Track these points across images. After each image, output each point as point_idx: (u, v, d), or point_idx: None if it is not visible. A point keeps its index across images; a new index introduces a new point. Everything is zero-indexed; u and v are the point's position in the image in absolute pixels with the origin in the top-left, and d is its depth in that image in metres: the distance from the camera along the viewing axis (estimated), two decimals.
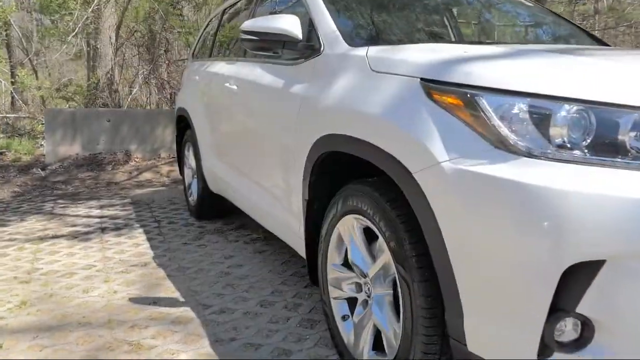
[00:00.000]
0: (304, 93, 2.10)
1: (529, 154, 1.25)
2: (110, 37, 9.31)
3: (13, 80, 11.12)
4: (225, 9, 3.80)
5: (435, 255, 1.40)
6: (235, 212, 3.75)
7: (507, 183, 1.22)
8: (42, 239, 3.70)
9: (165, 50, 10.33)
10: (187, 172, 4.32)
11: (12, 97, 11.65)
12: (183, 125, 4.34)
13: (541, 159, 1.24)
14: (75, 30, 8.21)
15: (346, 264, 1.93)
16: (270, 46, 2.20)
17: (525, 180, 1.20)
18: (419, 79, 1.52)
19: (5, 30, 11.12)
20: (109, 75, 9.33)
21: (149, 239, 3.63)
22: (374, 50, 1.83)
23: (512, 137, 1.28)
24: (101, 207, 4.73)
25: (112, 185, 5.91)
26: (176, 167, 6.64)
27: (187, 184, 4.33)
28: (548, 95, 1.29)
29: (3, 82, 10.70)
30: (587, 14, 11.16)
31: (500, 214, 1.24)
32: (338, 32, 2.08)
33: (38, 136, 8.90)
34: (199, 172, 3.85)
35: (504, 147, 1.28)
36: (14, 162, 7.08)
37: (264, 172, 2.55)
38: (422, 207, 1.41)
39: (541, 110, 1.29)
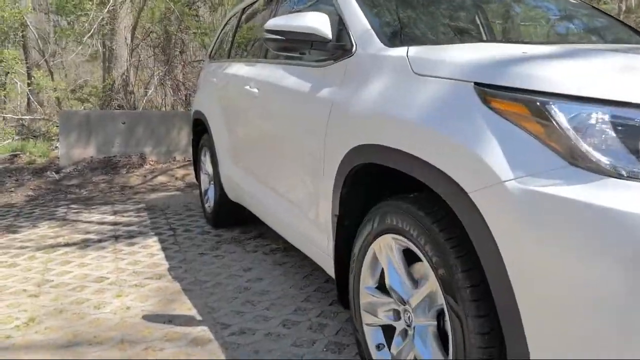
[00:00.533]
0: (334, 98, 1.91)
1: (615, 174, 1.05)
2: (125, 38, 9.21)
3: (29, 81, 11.09)
4: (245, 8, 3.63)
5: (495, 288, 1.20)
6: (253, 221, 3.58)
7: (591, 209, 1.03)
8: (53, 247, 3.55)
9: (180, 52, 10.22)
10: (204, 178, 4.16)
11: (28, 99, 11.62)
12: (200, 129, 4.18)
13: (631, 180, 1.04)
14: (91, 31, 8.11)
15: (382, 288, 1.74)
16: (296, 46, 2.02)
17: (616, 206, 1.00)
18: (472, 84, 1.33)
19: (22, 32, 11.08)
20: (124, 77, 9.23)
21: (164, 249, 3.47)
22: (415, 51, 1.64)
23: (593, 153, 1.08)
24: (115, 212, 4.59)
25: (127, 190, 5.78)
26: (191, 171, 6.51)
27: (203, 190, 4.17)
28: (635, 103, 1.09)
29: (19, 83, 10.67)
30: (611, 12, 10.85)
31: (581, 243, 1.05)
32: (372, 31, 1.89)
33: (53, 138, 8.83)
34: (216, 179, 3.68)
35: (583, 164, 1.09)
36: (28, 164, 7.00)
37: (287, 182, 2.37)
38: (479, 231, 1.22)
39: (627, 120, 1.09)
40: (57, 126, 8.30)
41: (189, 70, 10.53)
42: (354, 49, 1.92)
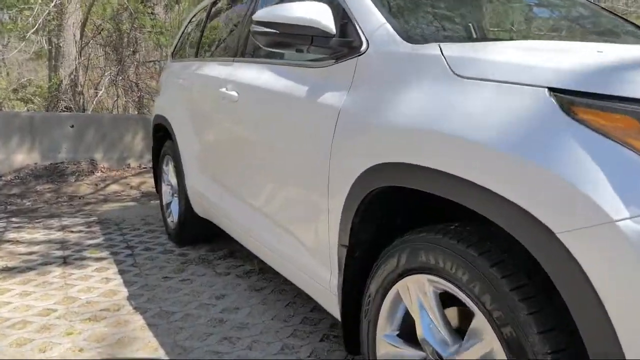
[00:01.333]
0: (342, 105, 1.59)
1: None
2: (74, 35, 8.58)
3: None
4: (215, 1, 3.26)
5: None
6: (222, 236, 3.21)
7: None
8: None
9: (133, 51, 9.65)
10: (165, 190, 3.75)
11: None
12: (161, 136, 3.77)
13: None
14: (36, 26, 7.47)
15: (404, 336, 1.43)
16: (292, 42, 1.69)
17: None
18: (545, 89, 1.04)
19: None
20: (72, 76, 8.60)
21: (121, 272, 3.05)
22: (452, 49, 1.34)
23: None
24: (63, 227, 4.10)
25: (76, 200, 5.26)
26: (148, 179, 6.04)
27: (165, 202, 3.75)
28: None
29: None
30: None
31: None
32: (388, 25, 1.58)
33: None
34: (182, 191, 3.28)
35: None
36: None
37: (277, 203, 2.03)
38: (573, 284, 0.92)
39: None
40: None
41: (143, 70, 9.97)
42: (364, 46, 1.61)
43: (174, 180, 3.54)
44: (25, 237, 3.81)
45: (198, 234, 3.45)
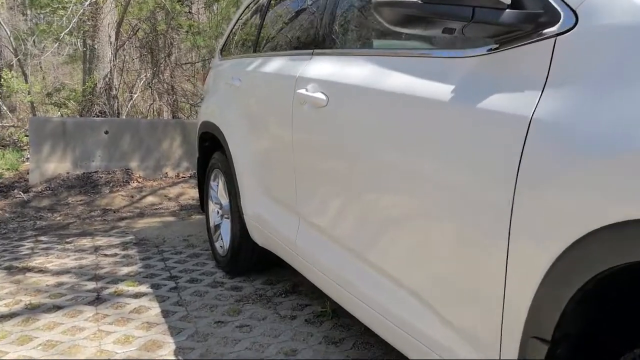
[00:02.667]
0: (536, 113, 1.00)
1: None
2: (109, 36, 8.21)
3: None
4: None
5: None
6: (280, 264, 2.66)
7: None
8: (8, 316, 2.56)
9: (168, 54, 9.23)
10: (213, 209, 3.21)
11: None
12: (209, 146, 3.24)
13: None
14: (69, 27, 7.09)
15: None
16: (441, 17, 1.10)
17: None
18: None
19: None
20: (107, 79, 8.23)
21: (165, 313, 2.51)
22: None
23: None
24: (96, 250, 3.61)
25: (110, 214, 4.79)
26: (187, 189, 5.54)
27: (212, 224, 3.21)
28: None
29: None
30: None
31: None
32: None
33: (24, 148, 7.77)
34: (235, 214, 2.74)
35: None
36: None
37: (402, 256, 1.43)
38: None
39: None
40: (27, 135, 7.27)
41: (179, 72, 9.55)
42: (567, 20, 1.01)
43: (224, 200, 3.00)
44: (54, 262, 3.32)
45: (254, 263, 2.90)
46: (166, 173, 5.93)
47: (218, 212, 3.14)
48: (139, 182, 5.68)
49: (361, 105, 1.56)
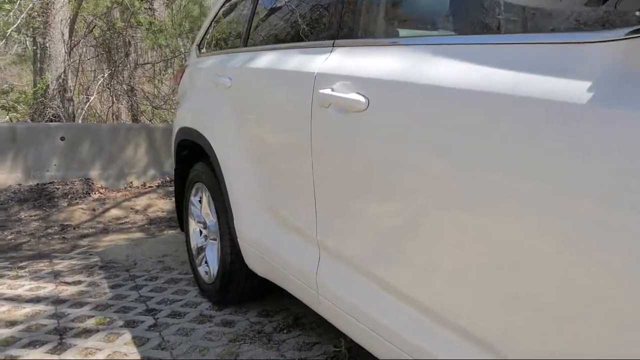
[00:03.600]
0: None
1: None
2: (62, 34, 7.57)
3: None
4: None
5: None
6: (274, 290, 2.27)
7: None
8: None
9: (126, 53, 8.63)
10: (195, 229, 2.78)
11: None
12: (188, 155, 2.81)
13: None
14: (17, 23, 6.44)
15: None
16: None
17: None
18: None
19: None
20: (60, 80, 7.59)
21: None
22: None
23: None
24: (55, 275, 3.12)
25: (69, 230, 4.27)
26: (154, 200, 5.05)
27: (194, 245, 2.78)
28: None
29: None
30: None
31: None
32: None
33: None
34: (226, 236, 2.33)
35: None
36: None
37: (478, 301, 1.07)
38: None
39: None
40: None
41: (140, 73, 8.96)
42: None
43: (210, 218, 2.58)
44: (6, 293, 2.82)
45: (248, 292, 2.49)
46: (131, 182, 5.42)
47: (201, 233, 2.72)
48: (101, 193, 5.15)
49: (421, 110, 1.18)
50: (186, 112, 2.75)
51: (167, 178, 5.55)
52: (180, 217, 3.00)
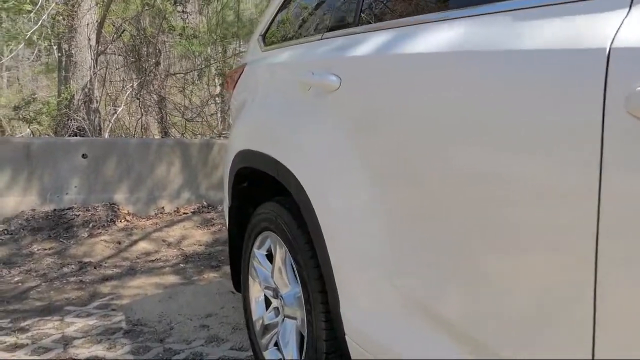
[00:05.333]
0: None
1: None
2: (89, 39, 6.92)
3: None
4: None
5: None
6: None
7: None
8: None
9: (157, 62, 7.92)
10: (258, 296, 1.94)
11: None
12: (249, 189, 1.99)
13: None
14: (39, 22, 5.77)
15: None
16: None
17: None
18: None
19: None
20: (86, 90, 6.93)
21: None
22: None
23: None
24: (65, 345, 2.32)
25: (89, 269, 3.48)
26: (190, 230, 4.24)
27: (257, 319, 1.94)
28: None
29: None
30: None
31: None
32: None
33: None
34: (319, 319, 1.48)
35: None
36: None
37: None
38: None
39: None
40: None
41: (171, 82, 8.27)
42: None
43: (285, 286, 1.74)
44: None
45: None
46: (162, 208, 4.63)
47: (269, 303, 1.87)
48: (127, 220, 4.37)
49: None
50: (248, 129, 1.92)
51: (204, 202, 4.75)
52: (236, 273, 2.16)
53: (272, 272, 1.82)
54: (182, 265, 3.63)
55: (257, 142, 1.81)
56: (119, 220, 4.32)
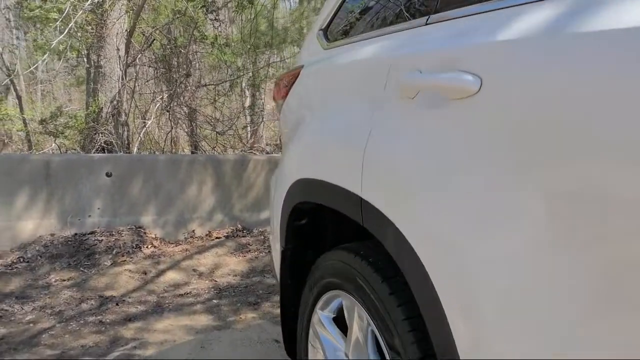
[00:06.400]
0: None
1: None
2: (118, 49, 6.61)
3: None
4: None
5: None
6: None
7: None
8: None
9: (187, 73, 7.56)
10: None
11: None
12: (308, 231, 1.50)
13: None
14: (61, 35, 5.44)
15: None
16: None
17: None
18: None
19: None
20: (115, 102, 6.61)
21: None
22: None
23: None
24: None
25: (110, 306, 3.04)
26: (224, 257, 3.78)
27: None
28: None
29: None
30: None
31: None
32: None
33: None
34: None
35: None
36: None
37: None
38: None
39: None
40: None
41: (202, 94, 7.89)
42: None
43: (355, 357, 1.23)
44: None
45: None
46: (193, 231, 4.19)
47: None
48: (154, 246, 3.94)
49: None
50: (312, 151, 1.44)
51: (239, 225, 4.29)
52: (289, 334, 1.67)
53: (350, 344, 1.31)
54: (215, 301, 3.16)
55: (326, 169, 1.32)
56: (145, 246, 3.89)
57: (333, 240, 1.57)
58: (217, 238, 4.12)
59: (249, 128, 9.43)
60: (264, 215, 4.37)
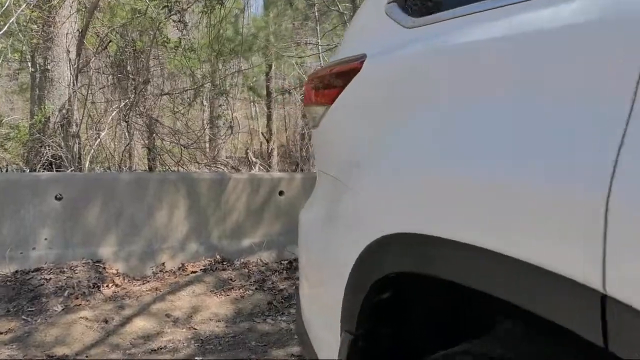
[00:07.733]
0: None
1: None
2: (68, 52, 5.85)
3: None
4: None
5: None
6: None
7: None
8: None
9: (146, 79, 6.83)
10: None
11: None
12: (388, 304, 0.93)
13: None
14: (5, 27, 4.66)
15: None
16: None
17: None
18: None
19: None
20: (64, 111, 5.84)
21: None
22: None
23: None
24: None
25: None
26: (205, 298, 3.12)
27: None
28: None
29: None
30: None
31: None
32: None
33: None
34: None
35: None
36: None
37: None
38: None
39: None
40: None
41: (163, 103, 7.17)
42: None
43: None
44: None
45: None
46: (163, 264, 3.52)
47: None
48: (116, 284, 3.24)
49: None
50: (415, 189, 0.87)
51: (218, 256, 3.64)
52: None
53: None
54: (198, 358, 2.52)
55: (432, 218, 0.75)
56: (105, 285, 3.19)
57: (419, 319, 1.01)
58: (192, 272, 3.46)
59: (220, 141, 8.75)
60: (247, 243, 3.74)
